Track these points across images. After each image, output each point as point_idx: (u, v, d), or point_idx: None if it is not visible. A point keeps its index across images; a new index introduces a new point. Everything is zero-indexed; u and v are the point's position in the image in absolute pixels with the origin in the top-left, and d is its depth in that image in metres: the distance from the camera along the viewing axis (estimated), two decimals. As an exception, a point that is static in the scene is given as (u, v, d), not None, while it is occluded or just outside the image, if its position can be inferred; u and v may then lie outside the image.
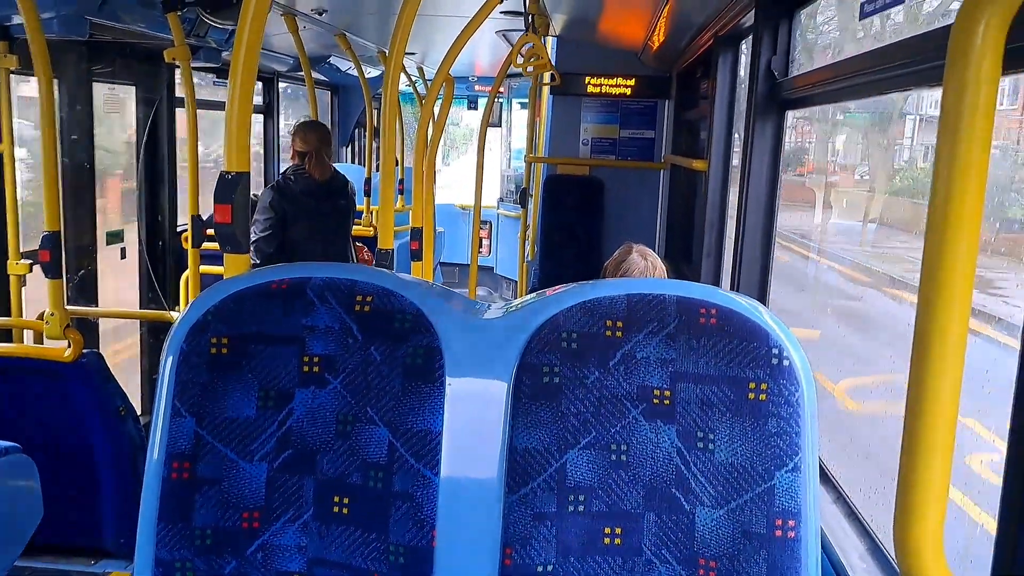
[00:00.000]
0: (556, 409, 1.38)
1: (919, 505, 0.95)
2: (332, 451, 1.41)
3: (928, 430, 0.94)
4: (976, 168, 0.89)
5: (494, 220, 10.54)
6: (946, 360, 0.92)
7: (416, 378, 1.40)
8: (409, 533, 1.37)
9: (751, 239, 3.06)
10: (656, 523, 1.36)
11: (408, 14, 2.43)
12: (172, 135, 5.38)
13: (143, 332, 5.40)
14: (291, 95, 8.26)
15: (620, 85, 6.42)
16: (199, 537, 1.39)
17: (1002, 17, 0.86)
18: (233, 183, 1.66)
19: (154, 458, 1.40)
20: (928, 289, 0.92)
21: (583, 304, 1.40)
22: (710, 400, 1.35)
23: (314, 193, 4.66)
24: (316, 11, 5.18)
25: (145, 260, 5.36)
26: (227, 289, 1.44)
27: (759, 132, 2.99)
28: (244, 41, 1.70)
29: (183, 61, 3.92)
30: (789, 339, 1.36)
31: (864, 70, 2.10)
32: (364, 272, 1.47)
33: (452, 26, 5.17)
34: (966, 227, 0.89)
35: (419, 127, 3.37)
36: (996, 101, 0.89)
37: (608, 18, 5.44)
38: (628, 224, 6.42)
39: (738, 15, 3.49)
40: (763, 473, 1.34)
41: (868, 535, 2.08)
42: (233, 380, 1.41)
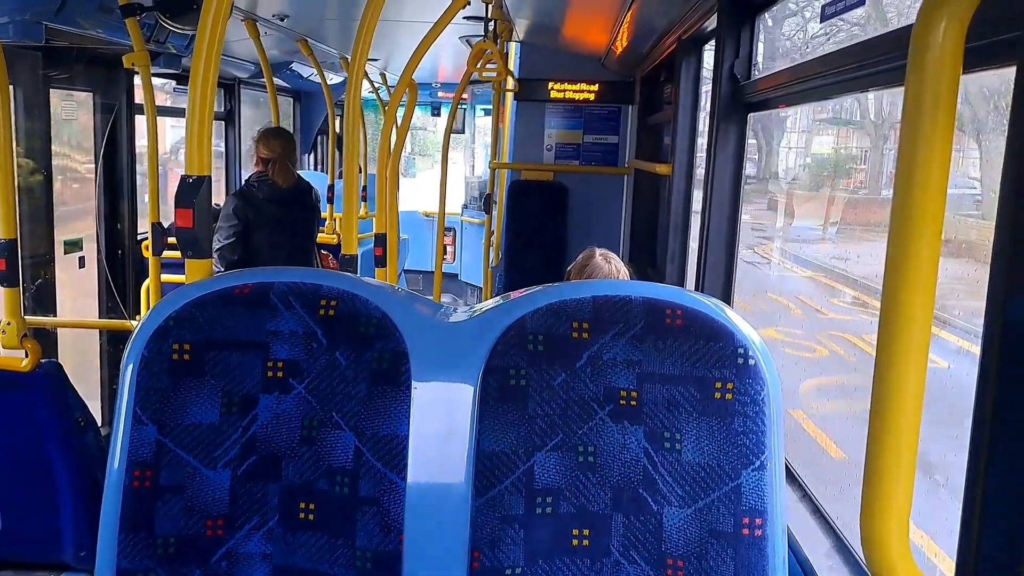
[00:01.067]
0: (523, 411, 1.37)
1: (884, 500, 0.96)
2: (297, 457, 1.39)
3: (892, 427, 0.94)
4: (938, 165, 0.89)
5: (458, 227, 10.52)
6: (910, 357, 0.93)
7: (382, 382, 1.39)
8: (376, 538, 1.36)
9: (715, 241, 3.08)
10: (624, 523, 1.36)
11: (370, 20, 2.42)
12: (131, 142, 5.30)
13: (103, 342, 5.31)
14: (253, 102, 8.19)
15: (584, 90, 6.44)
16: (161, 546, 1.36)
17: (961, 17, 0.87)
18: (194, 187, 1.63)
19: (115, 467, 1.37)
20: (892, 285, 0.93)
21: (549, 306, 1.39)
22: (677, 400, 1.35)
23: (278, 200, 4.62)
24: (277, 17, 5.15)
25: (104, 269, 5.27)
26: (189, 294, 1.42)
27: (722, 135, 3.01)
28: (204, 47, 1.68)
29: (142, 67, 3.86)
30: (754, 339, 1.37)
31: (826, 71, 2.12)
32: (329, 276, 1.46)
33: (415, 32, 5.14)
34: (929, 222, 0.90)
35: (382, 133, 3.35)
36: (957, 99, 0.90)
37: (571, 23, 5.45)
38: (593, 229, 6.44)
39: (701, 19, 3.52)
40: (730, 472, 1.34)
41: (833, 532, 2.10)
42: (195, 386, 1.38)
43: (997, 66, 1.24)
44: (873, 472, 0.96)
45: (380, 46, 6.57)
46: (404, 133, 3.98)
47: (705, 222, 3.11)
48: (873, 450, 0.96)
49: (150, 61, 3.92)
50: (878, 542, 0.97)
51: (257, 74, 7.00)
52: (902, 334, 0.92)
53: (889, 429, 0.94)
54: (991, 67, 1.25)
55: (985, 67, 1.25)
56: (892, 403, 0.94)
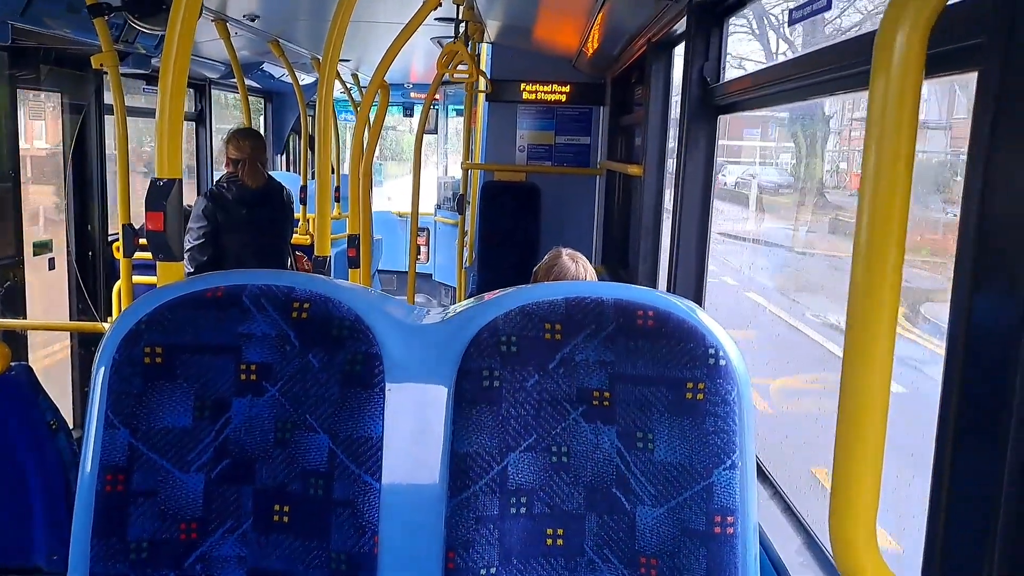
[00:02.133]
0: (497, 413, 1.38)
1: (853, 498, 0.97)
2: (271, 460, 1.39)
3: (860, 428, 0.96)
4: (902, 167, 0.91)
5: (432, 227, 10.51)
6: (876, 356, 0.94)
7: (355, 384, 1.39)
8: (351, 540, 1.36)
9: (686, 242, 3.10)
10: (598, 523, 1.37)
11: (342, 20, 2.42)
12: (101, 143, 5.25)
13: (74, 344, 5.25)
14: (224, 102, 8.13)
15: (555, 91, 6.46)
16: (134, 550, 1.35)
17: (923, 24, 0.89)
18: (165, 189, 1.63)
19: (87, 471, 1.36)
20: (858, 287, 0.94)
21: (522, 308, 1.40)
22: (649, 400, 1.37)
23: (248, 201, 4.60)
24: (248, 17, 5.12)
25: (75, 271, 5.22)
26: (160, 297, 1.41)
27: (693, 137, 3.03)
28: (174, 47, 1.67)
29: (111, 67, 3.83)
30: (725, 339, 1.38)
31: (794, 75, 2.15)
32: (301, 279, 1.46)
33: (386, 32, 5.14)
34: (894, 224, 0.91)
35: (355, 134, 3.35)
36: (920, 103, 0.92)
37: (543, 25, 5.47)
38: (565, 229, 6.46)
39: (671, 22, 3.54)
40: (702, 471, 1.36)
41: (804, 529, 2.12)
42: (168, 390, 1.38)
43: (959, 71, 1.27)
44: (841, 471, 0.98)
45: (352, 47, 6.55)
46: (376, 134, 3.97)
47: (676, 224, 3.14)
48: (841, 450, 0.98)
49: (119, 61, 3.88)
50: (847, 539, 0.98)
51: (228, 74, 6.95)
52: (868, 336, 0.94)
53: (856, 430, 0.96)
54: (953, 72, 1.28)
55: (948, 72, 1.28)
56: (859, 404, 0.95)
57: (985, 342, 1.02)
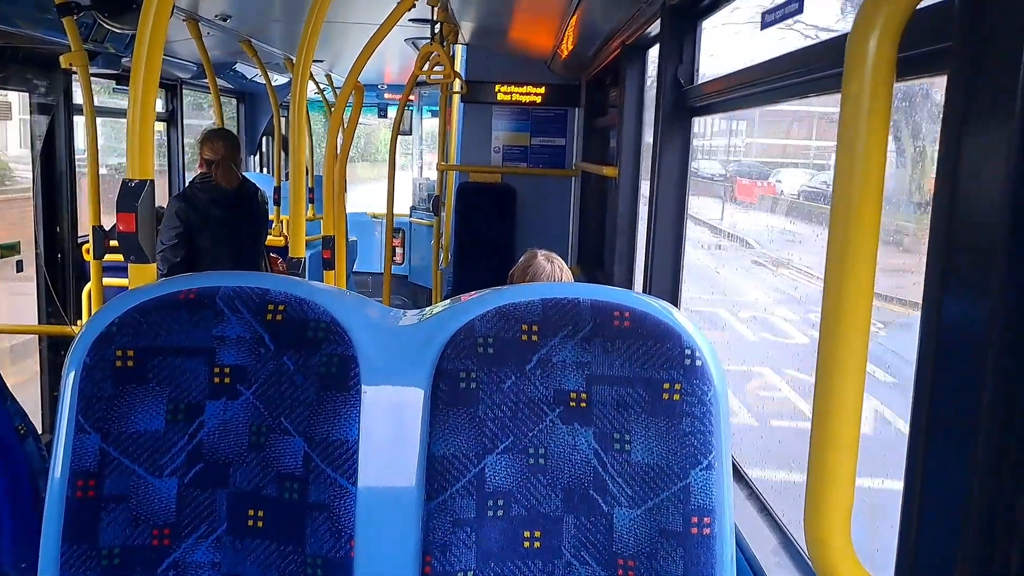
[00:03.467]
0: (473, 415, 1.38)
1: (827, 497, 0.98)
2: (245, 463, 1.38)
3: (834, 425, 0.97)
4: (874, 169, 0.92)
5: (407, 228, 10.48)
6: (850, 355, 0.95)
7: (331, 387, 1.38)
8: (327, 544, 1.35)
9: (662, 243, 3.12)
10: (575, 525, 1.37)
11: (315, 21, 2.41)
12: (71, 143, 5.19)
13: (43, 348, 5.19)
14: (196, 103, 8.07)
15: (530, 93, 6.47)
16: (106, 557, 1.34)
17: (894, 27, 0.90)
18: (136, 191, 1.61)
19: (56, 477, 1.34)
20: (831, 288, 0.95)
21: (498, 309, 1.40)
22: (625, 401, 1.37)
23: (222, 202, 4.56)
24: (220, 17, 5.07)
25: (44, 273, 5.15)
26: (132, 300, 1.40)
27: (667, 139, 3.05)
28: (144, 47, 1.65)
29: (80, 67, 3.78)
30: (701, 339, 1.39)
31: (767, 78, 2.16)
32: (276, 280, 1.45)
33: (360, 33, 5.12)
34: (866, 225, 0.92)
35: (329, 135, 3.33)
36: (891, 106, 0.93)
37: (517, 26, 5.47)
38: (541, 230, 6.47)
39: (645, 25, 3.55)
40: (679, 472, 1.36)
41: (780, 529, 2.14)
42: (140, 393, 1.36)
43: (930, 74, 1.28)
44: (816, 471, 0.99)
45: (326, 47, 6.52)
46: (351, 135, 3.96)
47: (651, 225, 3.15)
48: (816, 449, 0.98)
49: (88, 61, 3.84)
50: (822, 539, 0.99)
51: (200, 75, 6.89)
52: (842, 335, 0.94)
53: (831, 429, 0.96)
54: (924, 75, 1.29)
55: (918, 75, 1.29)
56: (833, 404, 0.96)
57: (956, 341, 1.03)
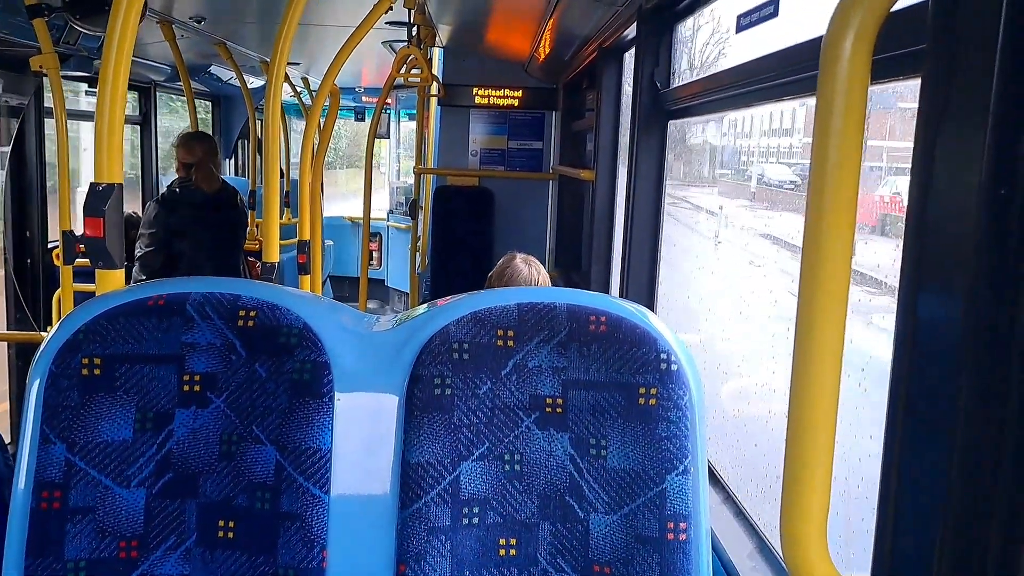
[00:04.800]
0: (449, 421, 1.36)
1: (803, 500, 0.97)
2: (216, 473, 1.36)
3: (810, 429, 0.96)
4: (849, 171, 0.92)
5: (384, 232, 10.44)
6: (825, 357, 0.94)
7: (303, 394, 1.36)
8: (299, 555, 1.33)
9: (638, 246, 3.11)
10: (551, 532, 1.36)
11: (290, 23, 2.38)
12: (41, 146, 5.12)
13: (11, 355, 5.11)
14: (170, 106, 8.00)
15: (508, 96, 6.46)
16: (72, 570, 1.31)
17: (868, 30, 0.90)
18: (104, 194, 1.58)
19: (20, 488, 1.32)
20: (807, 289, 0.94)
21: (474, 314, 1.39)
22: (602, 406, 1.36)
23: (202, 206, 4.52)
24: (194, 19, 5.03)
25: (12, 278, 5.07)
26: (99, 307, 1.37)
27: (644, 142, 3.05)
28: (114, 49, 1.63)
29: (51, 70, 3.73)
30: (677, 344, 1.38)
31: (743, 80, 2.17)
32: (248, 286, 1.43)
33: (337, 36, 5.09)
34: (841, 226, 0.92)
35: (304, 138, 3.30)
36: (866, 108, 0.93)
37: (494, 29, 5.47)
38: (518, 234, 6.46)
39: (621, 28, 3.56)
40: (654, 477, 1.35)
41: (756, 534, 2.13)
42: (107, 402, 1.34)
43: (904, 77, 1.28)
44: (792, 474, 0.98)
45: (301, 50, 6.48)
46: (327, 138, 3.93)
47: (628, 229, 3.15)
48: (792, 452, 0.98)
49: (59, 64, 3.79)
50: (797, 543, 0.98)
51: (174, 77, 6.83)
52: (817, 337, 0.94)
53: (807, 431, 0.96)
54: (898, 78, 1.29)
55: (893, 78, 1.29)
56: (809, 405, 0.96)
57: (930, 340, 1.03)
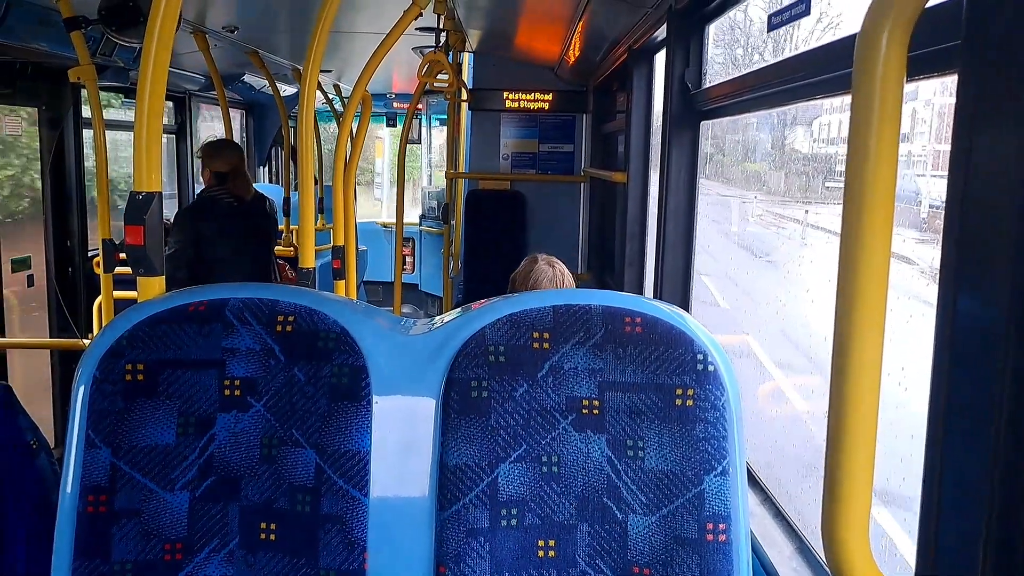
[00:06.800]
0: (485, 423, 1.37)
1: (844, 501, 0.97)
2: (257, 476, 1.38)
3: (851, 428, 0.95)
4: (885, 169, 0.91)
5: (417, 237, 10.49)
6: (865, 357, 0.94)
7: (342, 398, 1.37)
8: (339, 557, 1.35)
9: (672, 248, 3.10)
10: (589, 533, 1.36)
11: (322, 31, 2.41)
12: (80, 157, 5.21)
13: (54, 362, 5.20)
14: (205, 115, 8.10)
15: (538, 100, 6.47)
16: (118, 572, 1.33)
17: (903, 27, 0.89)
18: (144, 203, 1.61)
19: (68, 492, 1.34)
20: (845, 289, 0.94)
21: (509, 317, 1.39)
22: (638, 408, 1.36)
23: (234, 213, 4.57)
24: (227, 29, 5.09)
25: (54, 287, 5.17)
26: (141, 313, 1.40)
27: (676, 143, 3.04)
28: (151, 60, 1.65)
29: (89, 81, 3.79)
30: (713, 345, 1.38)
31: (775, 80, 2.15)
32: (285, 291, 1.44)
33: (367, 43, 5.12)
34: (879, 226, 0.91)
35: (337, 145, 3.33)
36: (902, 106, 0.92)
37: (524, 33, 5.47)
38: (550, 237, 6.46)
39: (651, 29, 3.55)
40: (693, 478, 1.35)
41: (796, 535, 2.12)
42: (150, 407, 1.36)
43: (940, 74, 1.27)
44: (833, 474, 0.98)
45: (333, 57, 6.54)
46: (359, 144, 3.96)
47: (661, 230, 3.14)
48: (833, 451, 0.97)
49: (97, 75, 3.85)
50: (839, 544, 0.98)
51: (208, 86, 6.92)
52: (857, 337, 0.93)
53: (848, 431, 0.95)
54: (934, 75, 1.28)
55: (928, 75, 1.28)
56: (850, 405, 0.95)
57: (970, 336, 1.03)
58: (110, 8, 3.73)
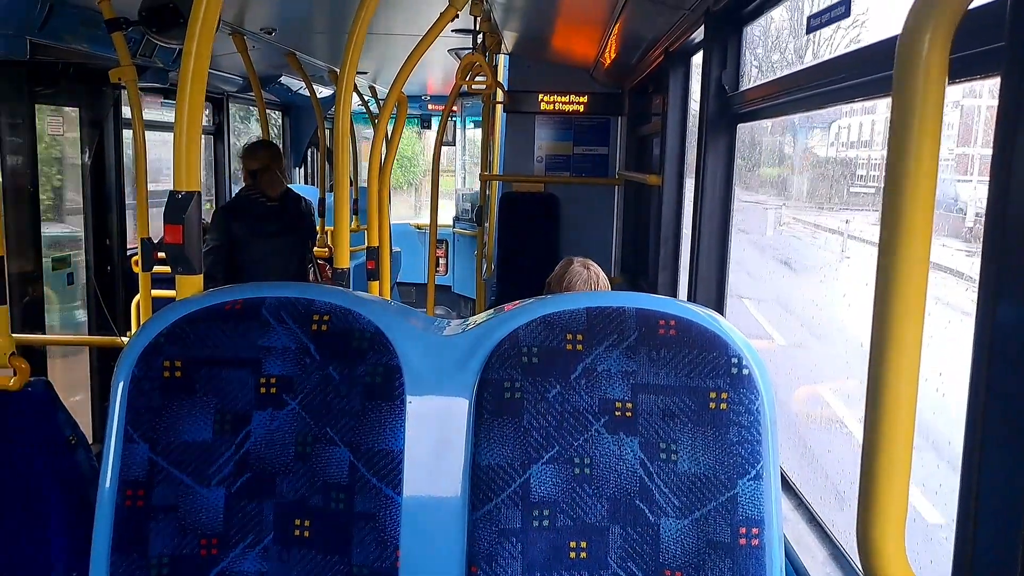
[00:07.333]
0: (518, 424, 1.37)
1: (880, 506, 0.96)
2: (292, 473, 1.39)
3: (887, 434, 0.94)
4: (926, 174, 0.90)
5: (450, 239, 10.52)
6: (902, 361, 0.93)
7: (376, 397, 1.38)
8: (372, 554, 1.35)
9: (707, 251, 3.09)
10: (621, 535, 1.36)
11: (359, 33, 2.42)
12: (119, 157, 5.29)
13: (92, 359, 5.28)
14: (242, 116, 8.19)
15: (573, 102, 6.45)
16: (155, 566, 1.35)
17: (946, 28, 0.88)
18: (183, 202, 1.63)
19: (106, 486, 1.36)
20: (883, 292, 0.93)
21: (543, 318, 1.39)
22: (672, 411, 1.36)
23: (268, 213, 4.62)
24: (265, 30, 5.15)
25: (93, 285, 5.25)
26: (179, 311, 1.42)
27: (712, 146, 3.02)
28: (191, 61, 1.67)
29: (129, 82, 3.85)
30: (747, 348, 1.37)
31: (814, 82, 2.13)
32: (321, 291, 1.46)
33: (403, 44, 5.14)
34: (918, 231, 0.90)
35: (372, 147, 3.34)
36: (943, 109, 0.91)
37: (560, 35, 5.47)
38: (584, 240, 6.45)
39: (688, 31, 3.53)
40: (726, 482, 1.34)
41: (830, 540, 2.10)
42: (188, 404, 1.38)
43: (982, 76, 1.25)
44: (869, 479, 0.97)
45: (369, 59, 6.58)
46: (395, 146, 3.98)
47: (696, 232, 3.12)
48: (868, 457, 0.96)
49: (137, 76, 3.90)
50: (875, 549, 0.97)
51: (245, 88, 7.00)
52: (894, 342, 0.92)
53: (884, 436, 0.94)
54: (976, 77, 1.26)
55: (970, 77, 1.26)
56: (886, 410, 0.94)
57: (1011, 343, 1.01)
58: (151, 9, 3.79)
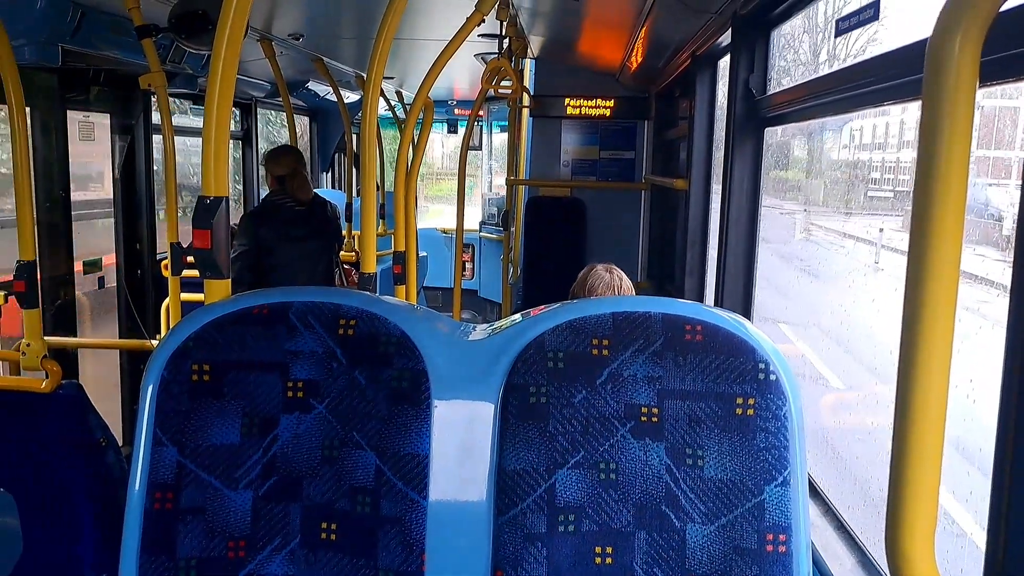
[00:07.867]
0: (544, 429, 1.37)
1: (910, 514, 0.95)
2: (318, 477, 1.40)
3: (916, 439, 0.93)
4: (956, 178, 0.89)
5: (476, 243, 10.54)
6: (932, 368, 0.92)
7: (402, 401, 1.39)
8: (398, 558, 1.36)
9: (734, 255, 3.07)
10: (647, 541, 1.35)
11: (385, 38, 2.43)
12: (149, 162, 5.35)
13: (123, 361, 5.34)
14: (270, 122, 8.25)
15: (599, 106, 6.44)
16: (183, 568, 1.36)
17: (977, 30, 0.87)
18: (212, 207, 1.64)
19: (135, 489, 1.38)
20: (913, 298, 0.92)
21: (569, 323, 1.39)
22: (698, 416, 1.35)
23: (295, 217, 4.65)
24: (293, 36, 5.19)
25: (124, 289, 5.31)
26: (207, 315, 1.43)
27: (739, 150, 3.01)
28: (220, 67, 1.69)
29: (159, 87, 3.89)
30: (775, 354, 1.36)
31: (842, 86, 2.12)
32: (347, 296, 1.46)
33: (430, 49, 5.18)
34: (948, 235, 0.89)
35: (399, 152, 3.36)
36: (974, 112, 0.90)
37: (586, 40, 5.47)
38: (610, 244, 6.44)
39: (715, 35, 3.52)
40: (753, 488, 1.33)
41: (858, 548, 2.08)
42: (216, 407, 1.39)
43: (1013, 79, 1.24)
44: (898, 487, 0.96)
45: (396, 64, 6.61)
46: (421, 151, 3.99)
47: (723, 237, 3.11)
48: (898, 465, 0.95)
49: (167, 81, 3.95)
50: (904, 557, 0.96)
51: (273, 93, 7.05)
52: (924, 347, 0.91)
53: (913, 443, 0.93)
54: (1007, 80, 1.25)
55: (1001, 80, 1.25)
56: (916, 418, 0.93)
57: None
58: (180, 16, 3.83)
